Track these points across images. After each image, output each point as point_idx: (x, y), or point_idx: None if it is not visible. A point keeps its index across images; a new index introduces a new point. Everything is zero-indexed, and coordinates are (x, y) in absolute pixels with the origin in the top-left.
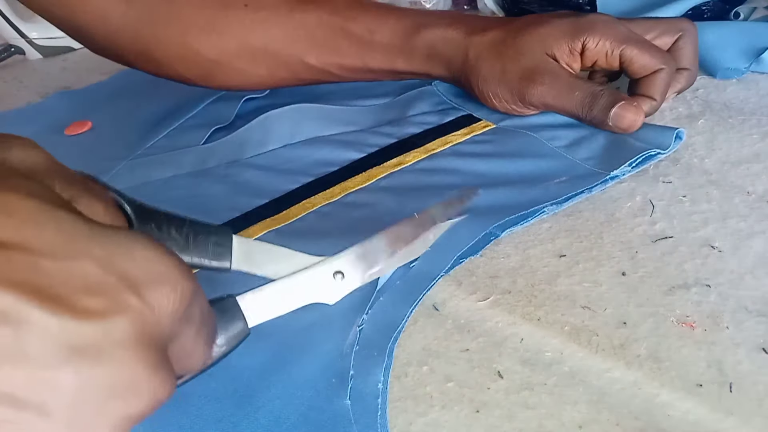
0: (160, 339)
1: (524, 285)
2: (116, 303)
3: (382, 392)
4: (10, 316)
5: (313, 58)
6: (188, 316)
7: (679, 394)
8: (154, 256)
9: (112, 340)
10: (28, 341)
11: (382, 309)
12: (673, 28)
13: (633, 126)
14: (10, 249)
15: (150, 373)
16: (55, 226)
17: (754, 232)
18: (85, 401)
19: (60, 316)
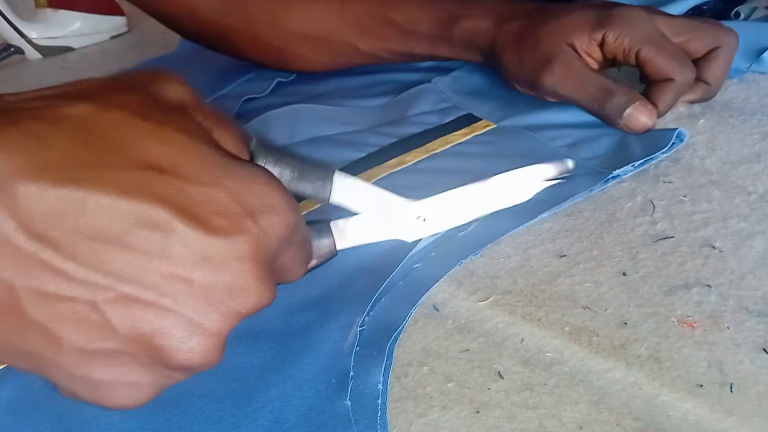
0: (267, 257)
1: (525, 285)
2: (238, 225)
3: (382, 393)
4: (161, 225)
5: (365, 44)
6: (291, 241)
7: (679, 395)
8: (269, 190)
9: (233, 254)
10: (172, 246)
11: (383, 309)
12: (711, 36)
13: (644, 129)
14: (165, 173)
15: (258, 283)
16: (199, 158)
17: (754, 232)
18: (208, 296)
19: (196, 230)
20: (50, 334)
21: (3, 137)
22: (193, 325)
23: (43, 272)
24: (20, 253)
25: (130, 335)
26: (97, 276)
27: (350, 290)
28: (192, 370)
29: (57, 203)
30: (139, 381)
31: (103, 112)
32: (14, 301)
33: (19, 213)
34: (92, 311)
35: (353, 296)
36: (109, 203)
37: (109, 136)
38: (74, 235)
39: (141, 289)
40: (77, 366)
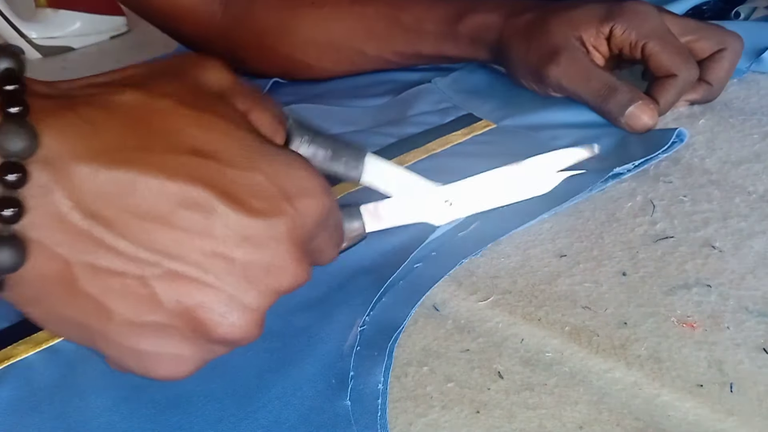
0: (303, 238)
1: (524, 285)
2: (276, 207)
3: (383, 392)
4: (204, 207)
5: (371, 47)
6: (325, 224)
7: (679, 395)
8: (305, 174)
9: (271, 235)
10: (214, 226)
11: (383, 309)
12: (718, 38)
13: (645, 128)
14: (207, 157)
15: (295, 263)
16: (239, 143)
17: (754, 232)
18: (248, 274)
19: (237, 212)
20: (101, 306)
21: (61, 122)
22: (234, 301)
23: (96, 248)
24: (75, 230)
25: (176, 309)
26: (145, 253)
27: (350, 290)
28: (232, 343)
29: (109, 184)
30: (182, 353)
31: (150, 99)
32: (69, 275)
33: (74, 193)
34: (141, 286)
35: (353, 296)
36: (156, 185)
37: (155, 122)
38: (124, 214)
39: (186, 265)
40: (125, 337)
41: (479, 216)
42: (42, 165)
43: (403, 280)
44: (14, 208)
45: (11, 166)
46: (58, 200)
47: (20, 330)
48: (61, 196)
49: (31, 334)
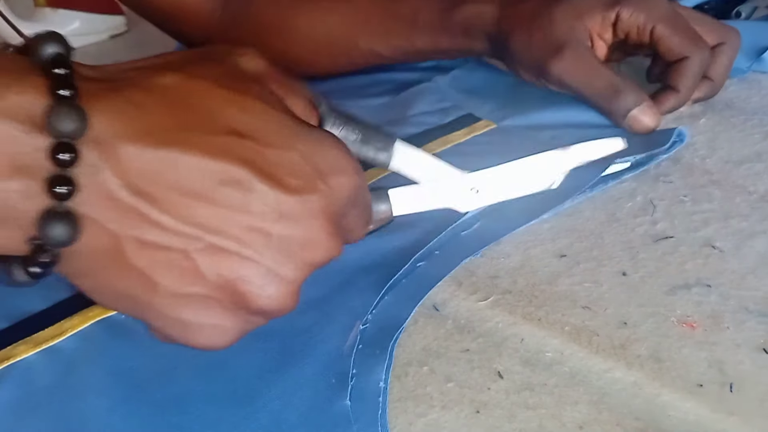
0: (336, 214)
1: (525, 285)
2: (310, 185)
3: (383, 391)
4: (243, 184)
5: (366, 41)
6: (355, 202)
7: (679, 395)
8: (338, 153)
9: (306, 210)
10: (252, 202)
11: (386, 308)
12: (718, 32)
13: (647, 131)
14: (245, 137)
15: (328, 237)
16: (275, 124)
17: (755, 232)
18: (284, 248)
19: (273, 189)
20: (147, 278)
21: (107, 104)
22: (272, 273)
23: (142, 223)
24: (123, 207)
25: (217, 282)
26: (188, 227)
27: (350, 291)
28: (269, 314)
29: (154, 163)
30: (223, 324)
31: (191, 81)
32: (118, 249)
33: (121, 171)
34: (184, 259)
35: (353, 297)
36: (197, 163)
37: (196, 103)
38: (168, 191)
39: (226, 240)
40: (170, 308)
41: (481, 215)
42: (91, 145)
43: (405, 278)
44: (68, 186)
45: (64, 146)
46: (106, 178)
47: (20, 330)
48: (110, 175)
49: (31, 334)
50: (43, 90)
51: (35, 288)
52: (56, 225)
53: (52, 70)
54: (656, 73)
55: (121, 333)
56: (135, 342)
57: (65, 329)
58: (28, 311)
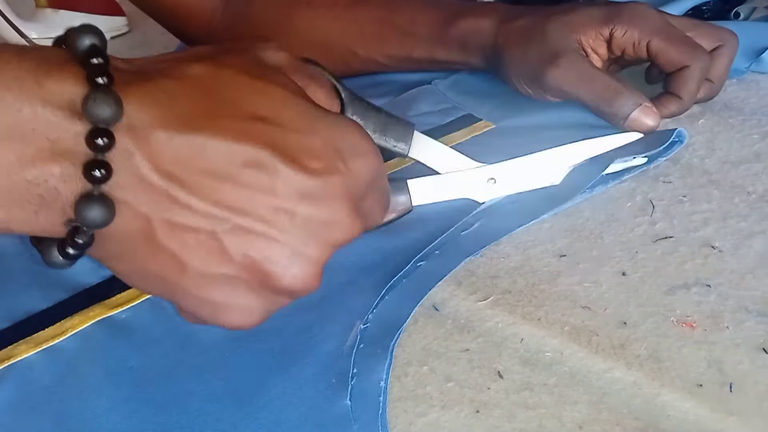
0: (356, 196)
1: (524, 285)
2: (331, 167)
3: (384, 390)
4: (267, 167)
5: (363, 49)
6: (374, 186)
7: (679, 394)
8: (358, 137)
9: (328, 191)
10: (277, 184)
11: (387, 307)
12: (715, 35)
13: (648, 131)
14: (269, 122)
15: (350, 217)
16: (297, 110)
17: (754, 232)
18: (308, 228)
19: (297, 171)
20: (177, 259)
21: (140, 92)
22: (296, 253)
23: (172, 206)
24: (154, 190)
25: (243, 262)
26: (215, 209)
27: (350, 291)
28: (294, 294)
29: (183, 147)
30: (250, 304)
31: (217, 70)
32: (149, 231)
33: (152, 156)
34: (212, 240)
35: (353, 297)
36: (224, 147)
37: (222, 91)
38: (197, 175)
39: (252, 221)
40: (199, 288)
41: (482, 215)
42: (125, 131)
43: (406, 278)
44: (104, 170)
45: (100, 132)
46: (139, 163)
47: (21, 330)
48: (142, 159)
49: (31, 334)
50: (80, 78)
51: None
52: (93, 207)
53: (89, 59)
54: (655, 75)
55: (121, 333)
56: (135, 342)
57: (65, 329)
58: (28, 311)
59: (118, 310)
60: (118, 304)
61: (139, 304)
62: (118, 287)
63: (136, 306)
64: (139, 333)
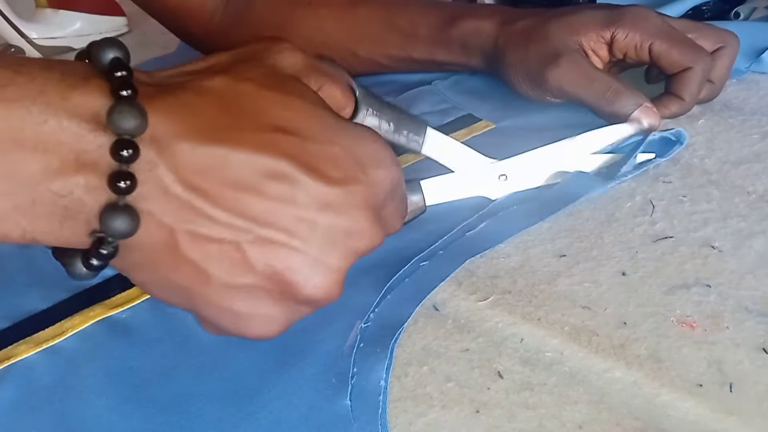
0: (376, 204)
1: (524, 285)
2: (352, 176)
3: (384, 390)
4: (289, 178)
5: (364, 50)
6: (393, 194)
7: (679, 394)
8: (377, 147)
9: (349, 201)
10: (298, 194)
11: (388, 307)
12: (716, 36)
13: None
14: (289, 133)
15: (371, 226)
16: (316, 120)
17: (754, 232)
18: (329, 237)
19: (317, 181)
20: (200, 270)
21: (163, 104)
22: (318, 262)
23: (195, 217)
24: (177, 201)
25: (266, 272)
26: (238, 220)
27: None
28: (316, 303)
29: (205, 159)
30: (272, 314)
31: (236, 84)
32: (173, 242)
33: (176, 167)
34: (235, 251)
35: (353, 297)
36: (246, 159)
37: (242, 104)
38: (219, 186)
39: (274, 231)
40: (222, 299)
41: (487, 215)
42: (148, 143)
43: (408, 278)
44: (128, 181)
45: (125, 143)
46: (162, 174)
47: (21, 330)
48: (165, 171)
49: (31, 334)
50: (105, 91)
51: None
52: (118, 217)
53: (112, 72)
54: (655, 75)
55: (121, 333)
56: (135, 342)
57: (66, 329)
58: (28, 311)
59: (118, 310)
60: (118, 304)
61: (139, 304)
62: (117, 287)
63: (136, 306)
64: (139, 333)
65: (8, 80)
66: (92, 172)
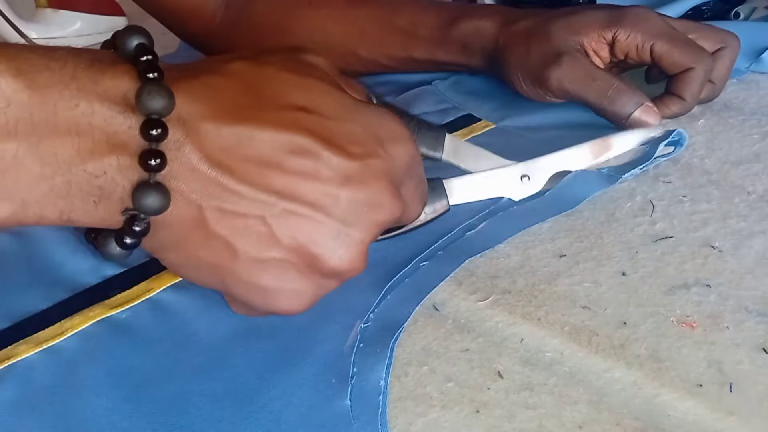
0: (396, 179)
1: (524, 285)
2: (371, 151)
3: (384, 390)
4: (311, 153)
5: (364, 50)
6: (412, 172)
7: (679, 394)
8: (394, 124)
9: (369, 174)
10: (321, 169)
11: (388, 307)
12: (716, 37)
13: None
14: (310, 112)
15: (392, 198)
16: (336, 100)
17: (754, 232)
18: (352, 209)
19: (339, 155)
20: (228, 245)
21: (188, 86)
22: (342, 234)
23: (222, 193)
24: (204, 179)
25: (291, 245)
26: (263, 195)
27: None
28: (341, 276)
29: (231, 138)
30: (299, 288)
31: (258, 66)
32: (201, 219)
33: (202, 146)
34: (261, 225)
35: (353, 297)
36: (269, 136)
37: (265, 85)
38: (244, 163)
39: (298, 205)
40: (250, 274)
41: (487, 216)
42: (175, 123)
43: (408, 278)
44: (159, 159)
45: (154, 123)
46: (189, 153)
47: (21, 330)
48: (192, 149)
49: (31, 334)
50: (132, 74)
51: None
52: (150, 194)
53: (138, 57)
54: (655, 74)
55: (121, 333)
56: (135, 342)
57: (66, 329)
58: (28, 311)
59: (118, 310)
60: (118, 304)
61: (139, 304)
62: (118, 287)
63: (136, 306)
64: (139, 333)
65: (43, 66)
66: (124, 152)
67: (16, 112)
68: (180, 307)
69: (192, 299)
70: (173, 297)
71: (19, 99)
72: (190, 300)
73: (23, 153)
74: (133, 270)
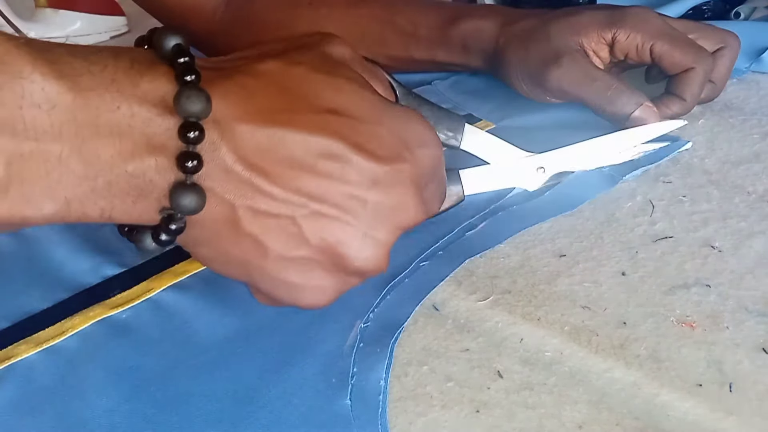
0: (420, 182)
1: (524, 285)
2: (398, 155)
3: (384, 390)
4: (340, 156)
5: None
6: (435, 175)
7: (679, 394)
8: (422, 128)
9: (396, 178)
10: (349, 172)
11: (388, 307)
12: (716, 37)
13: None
14: (341, 115)
15: (415, 202)
16: (365, 102)
17: (754, 232)
18: (379, 212)
19: (367, 159)
20: (259, 243)
21: (222, 89)
22: (367, 236)
23: (254, 194)
24: (238, 180)
25: (319, 245)
26: (294, 196)
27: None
28: (365, 274)
29: (264, 140)
30: (324, 284)
31: (290, 67)
32: (234, 218)
33: (237, 148)
34: (291, 225)
35: (353, 297)
36: (301, 139)
37: (296, 87)
38: (277, 165)
39: (327, 207)
40: (278, 271)
41: (488, 215)
42: (211, 125)
43: (408, 278)
44: (195, 161)
45: (191, 126)
46: (224, 154)
47: (21, 330)
48: (227, 151)
49: (32, 334)
50: (170, 76)
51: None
52: (186, 195)
53: (176, 59)
54: (655, 74)
55: (121, 333)
56: (135, 342)
57: (66, 329)
58: (28, 311)
59: (118, 310)
60: (118, 304)
61: (139, 304)
62: (118, 287)
63: (136, 306)
64: (139, 333)
65: (84, 69)
66: (162, 154)
67: (61, 115)
68: (180, 307)
69: (192, 299)
70: (173, 297)
71: (63, 102)
72: (190, 300)
73: (67, 154)
74: (133, 270)
